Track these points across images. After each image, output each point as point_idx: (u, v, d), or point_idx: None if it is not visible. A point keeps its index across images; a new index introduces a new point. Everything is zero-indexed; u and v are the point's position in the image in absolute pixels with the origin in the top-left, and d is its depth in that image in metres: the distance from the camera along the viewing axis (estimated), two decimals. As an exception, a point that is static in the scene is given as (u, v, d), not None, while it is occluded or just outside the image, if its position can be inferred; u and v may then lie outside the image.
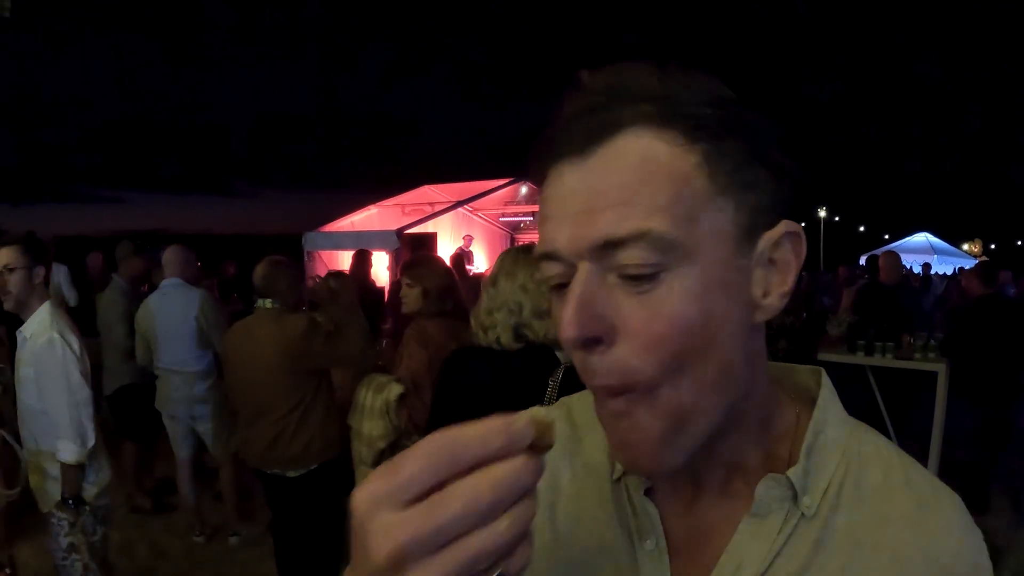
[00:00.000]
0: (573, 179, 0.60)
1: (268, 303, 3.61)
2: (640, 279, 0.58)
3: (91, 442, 2.91)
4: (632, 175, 0.58)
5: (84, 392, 2.93)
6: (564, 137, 0.61)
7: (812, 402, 0.74)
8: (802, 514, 0.67)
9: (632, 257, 0.57)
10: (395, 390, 3.33)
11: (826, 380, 0.76)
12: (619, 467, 0.75)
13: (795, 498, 0.67)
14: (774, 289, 0.64)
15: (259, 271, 3.70)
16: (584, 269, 0.59)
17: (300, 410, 3.55)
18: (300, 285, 3.89)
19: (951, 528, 0.68)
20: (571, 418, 0.85)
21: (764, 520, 0.67)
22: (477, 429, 0.43)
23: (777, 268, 0.64)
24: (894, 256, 6.80)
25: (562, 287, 0.62)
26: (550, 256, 0.62)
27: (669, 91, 0.60)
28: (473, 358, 2.46)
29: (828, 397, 0.74)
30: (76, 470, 2.89)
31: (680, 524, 0.72)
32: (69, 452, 2.86)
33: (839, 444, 0.71)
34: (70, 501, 2.90)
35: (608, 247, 0.58)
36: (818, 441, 0.70)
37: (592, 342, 0.59)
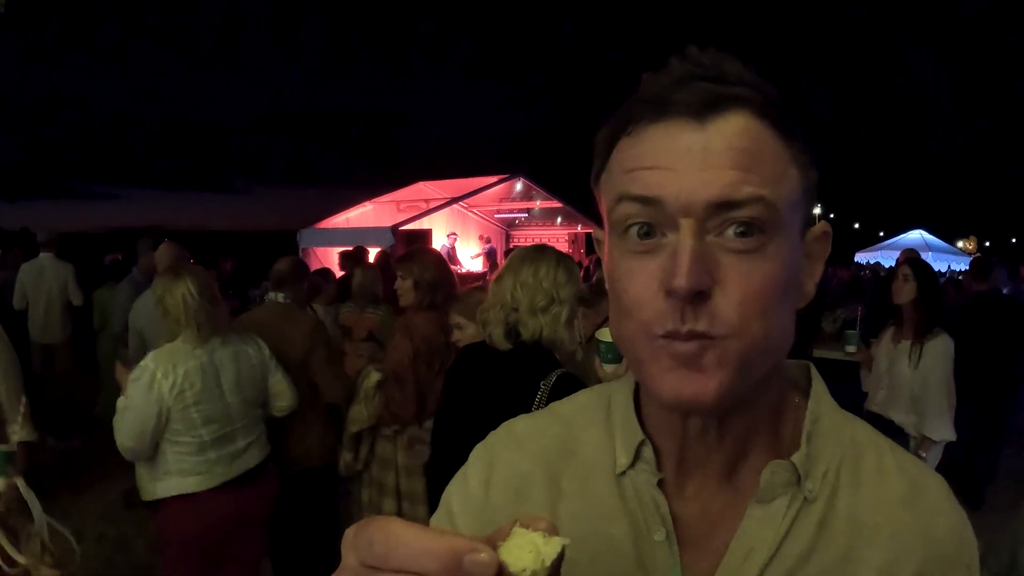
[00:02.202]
0: (689, 138, 0.63)
1: (280, 297, 3.61)
2: (747, 238, 0.62)
3: None
4: (750, 146, 0.62)
5: None
6: (678, 97, 0.63)
7: (804, 394, 0.78)
8: (804, 498, 0.70)
9: (748, 215, 0.61)
10: (373, 378, 3.37)
11: (816, 373, 0.80)
12: (623, 461, 0.76)
13: (798, 483, 0.70)
14: (809, 278, 0.72)
15: (285, 264, 3.70)
16: (690, 226, 0.62)
17: (302, 408, 3.51)
18: (309, 287, 3.91)
19: (941, 507, 0.73)
20: (564, 420, 0.85)
21: (770, 505, 0.70)
22: (421, 540, 0.40)
23: (812, 260, 0.72)
24: (912, 255, 6.97)
25: (646, 236, 0.64)
26: (648, 201, 0.63)
27: (761, 83, 0.66)
28: (475, 355, 2.47)
29: (820, 388, 0.78)
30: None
31: (688, 514, 0.73)
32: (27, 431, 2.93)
33: (834, 431, 0.75)
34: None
35: (724, 207, 0.61)
36: (816, 428, 0.74)
37: (699, 294, 0.61)
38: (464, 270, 12.94)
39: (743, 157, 0.62)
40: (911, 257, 4.26)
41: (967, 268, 7.15)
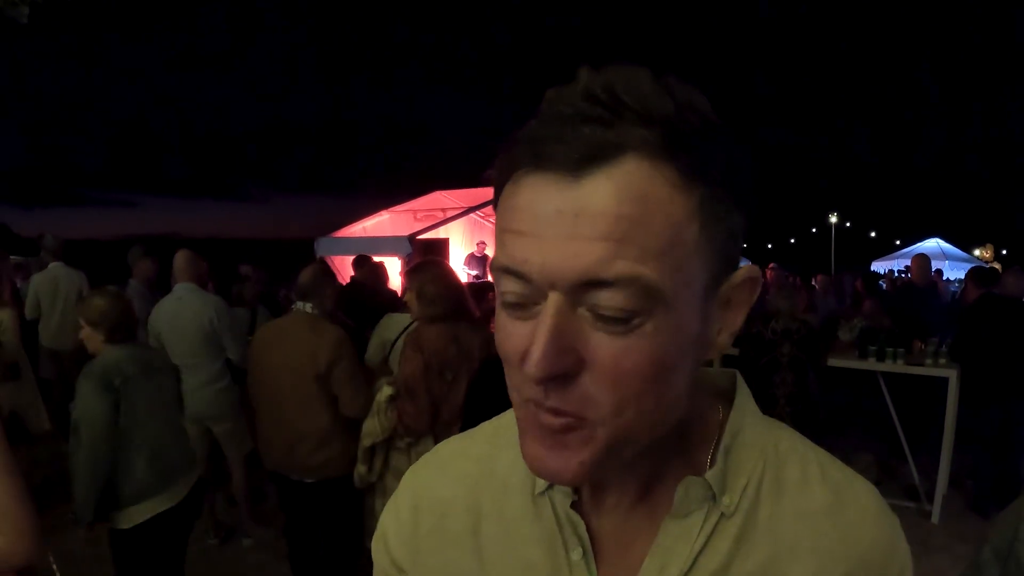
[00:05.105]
0: (560, 198, 0.55)
1: (308, 307, 3.63)
2: (616, 321, 0.55)
3: None
4: (629, 210, 0.54)
5: None
6: (555, 145, 0.55)
7: (730, 404, 0.75)
8: (722, 513, 0.69)
9: (615, 300, 0.55)
10: (385, 392, 3.37)
11: (741, 382, 0.78)
12: (541, 482, 0.74)
13: (715, 497, 0.69)
14: (726, 329, 0.65)
15: (307, 273, 3.72)
16: (555, 302, 0.56)
17: (324, 419, 3.56)
18: (335, 295, 3.92)
19: (867, 516, 0.71)
20: (486, 440, 0.84)
21: (685, 520, 0.68)
22: None
23: (731, 309, 0.65)
24: (924, 259, 7.23)
25: (517, 307, 0.59)
26: (515, 274, 0.58)
27: (671, 114, 0.55)
28: (498, 368, 2.49)
29: (743, 399, 0.76)
30: None
31: (605, 530, 0.72)
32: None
33: (756, 443, 0.73)
34: None
35: (589, 285, 0.55)
36: (736, 442, 0.72)
37: (560, 377, 0.56)
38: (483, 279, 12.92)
39: (619, 224, 0.53)
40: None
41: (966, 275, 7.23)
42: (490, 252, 13.50)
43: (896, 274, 18.85)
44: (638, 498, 0.71)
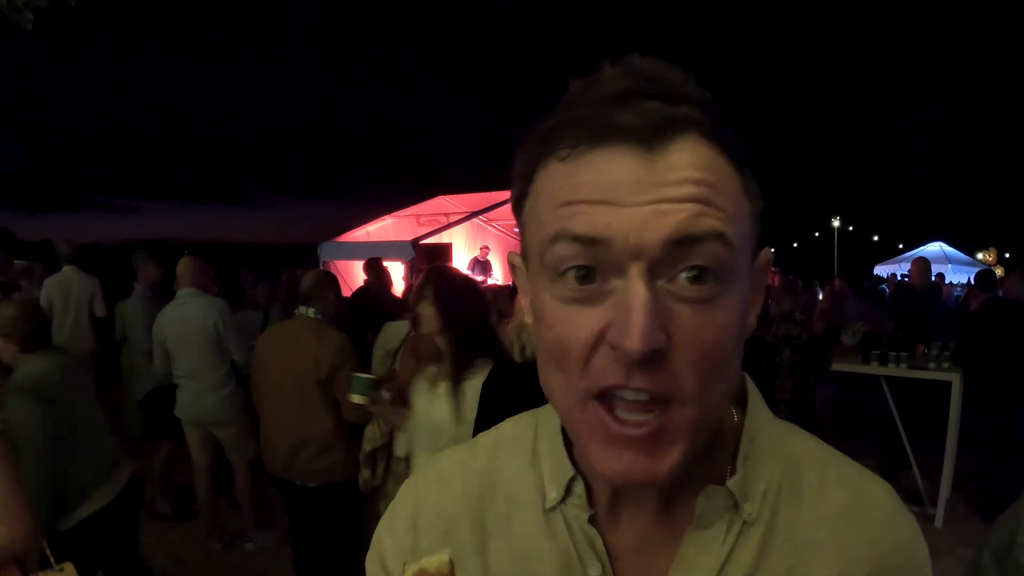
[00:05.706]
0: (638, 169, 0.55)
1: (311, 312, 3.64)
2: (702, 284, 0.55)
3: None
4: (706, 176, 0.56)
5: None
6: (621, 120, 0.55)
7: (743, 408, 0.75)
8: (744, 521, 0.68)
9: (704, 258, 0.55)
10: (383, 397, 3.38)
11: (751, 385, 0.77)
12: (552, 496, 0.72)
13: (736, 506, 0.68)
14: (752, 311, 0.66)
15: (309, 278, 3.72)
16: (641, 271, 0.54)
17: (327, 424, 3.57)
18: (338, 301, 3.92)
19: (887, 517, 0.71)
20: (487, 453, 0.81)
21: (708, 531, 0.67)
22: None
23: (754, 291, 0.66)
24: (924, 262, 7.22)
25: (583, 284, 0.57)
26: (592, 241, 0.55)
27: (707, 100, 0.58)
28: (505, 371, 2.49)
29: (756, 403, 0.75)
30: None
31: (623, 544, 0.70)
32: None
33: (773, 448, 0.72)
34: None
35: (680, 244, 0.54)
36: (753, 448, 0.71)
37: (652, 356, 0.54)
38: (491, 282, 12.87)
39: (701, 190, 0.55)
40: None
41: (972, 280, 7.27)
42: (492, 257, 13.49)
43: (900, 277, 18.90)
44: (657, 509, 0.69)
